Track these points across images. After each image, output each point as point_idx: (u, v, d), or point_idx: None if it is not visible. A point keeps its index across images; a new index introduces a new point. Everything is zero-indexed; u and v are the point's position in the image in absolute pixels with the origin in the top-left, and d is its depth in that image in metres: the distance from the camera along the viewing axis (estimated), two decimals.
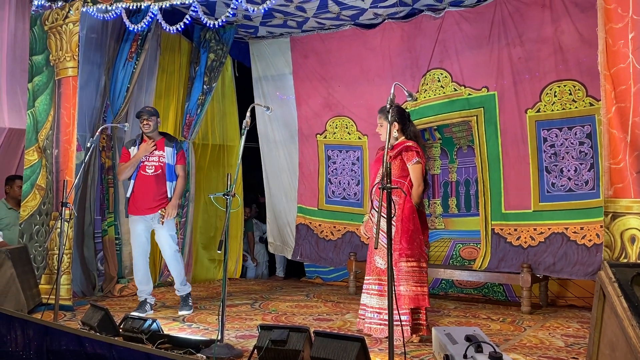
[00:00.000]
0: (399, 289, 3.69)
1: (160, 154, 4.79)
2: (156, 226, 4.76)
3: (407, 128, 3.98)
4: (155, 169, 4.75)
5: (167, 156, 4.80)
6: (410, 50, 5.92)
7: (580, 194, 5.01)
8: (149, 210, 4.71)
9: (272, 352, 3.03)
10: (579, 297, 5.22)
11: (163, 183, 4.76)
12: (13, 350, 3.50)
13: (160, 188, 4.75)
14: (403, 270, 3.74)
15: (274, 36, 6.70)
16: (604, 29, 3.03)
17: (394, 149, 3.88)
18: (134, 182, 4.73)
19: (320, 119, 6.56)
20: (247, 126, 3.67)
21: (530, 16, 5.21)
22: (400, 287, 3.70)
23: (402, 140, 3.94)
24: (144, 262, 4.77)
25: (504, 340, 3.85)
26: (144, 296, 4.74)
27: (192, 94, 6.29)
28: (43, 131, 5.09)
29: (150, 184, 4.72)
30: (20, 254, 4.51)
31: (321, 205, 6.59)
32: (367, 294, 3.88)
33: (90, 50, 5.54)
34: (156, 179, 4.74)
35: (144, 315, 4.45)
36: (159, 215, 4.73)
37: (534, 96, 5.23)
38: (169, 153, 4.81)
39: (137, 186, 4.72)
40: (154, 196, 4.73)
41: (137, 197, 4.72)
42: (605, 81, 3.02)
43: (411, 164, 3.83)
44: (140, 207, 4.71)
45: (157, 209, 4.72)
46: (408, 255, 3.75)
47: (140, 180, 4.73)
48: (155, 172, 4.75)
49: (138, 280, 4.77)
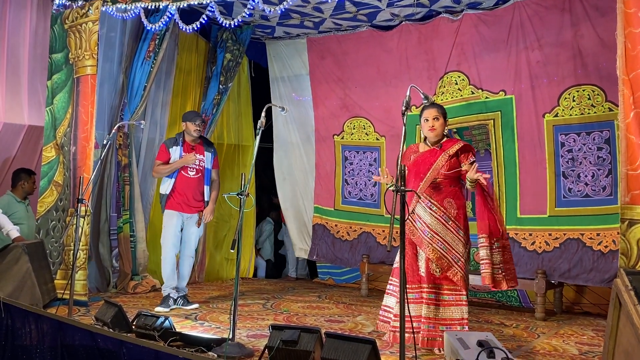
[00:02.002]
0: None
1: (201, 158, 4.99)
2: (190, 225, 4.96)
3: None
4: (196, 172, 4.96)
5: (206, 160, 5.00)
6: (427, 53, 5.89)
7: (597, 199, 4.95)
8: (189, 209, 4.93)
9: (282, 352, 3.04)
10: (595, 304, 5.15)
11: (202, 185, 4.97)
12: (28, 344, 3.54)
13: (199, 190, 4.97)
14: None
15: (290, 37, 6.72)
16: (623, 33, 2.98)
17: (446, 147, 3.71)
18: (175, 182, 4.89)
19: (338, 120, 6.57)
20: (262, 126, 3.68)
21: (549, 20, 5.16)
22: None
23: (448, 138, 3.81)
24: (173, 257, 4.92)
25: (517, 346, 3.81)
26: (169, 291, 4.83)
27: (208, 93, 6.33)
28: (61, 128, 5.15)
29: (191, 186, 4.92)
30: (36, 249, 4.56)
31: (337, 205, 6.60)
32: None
33: (109, 49, 5.60)
34: (197, 181, 4.96)
35: (168, 310, 4.62)
36: (196, 217, 4.95)
37: (551, 100, 5.18)
38: (207, 158, 5.02)
39: (178, 185, 4.90)
40: (193, 197, 4.94)
41: (177, 195, 4.90)
42: (623, 86, 2.97)
43: (469, 163, 3.64)
44: (180, 204, 4.89)
45: (196, 210, 4.96)
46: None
47: (182, 181, 4.90)
48: (196, 175, 4.95)
49: (166, 275, 4.88)
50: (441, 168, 3.67)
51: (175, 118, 6.28)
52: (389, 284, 3.81)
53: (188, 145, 4.98)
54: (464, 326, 3.50)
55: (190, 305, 4.87)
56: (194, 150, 4.98)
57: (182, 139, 4.99)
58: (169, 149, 4.94)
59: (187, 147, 4.97)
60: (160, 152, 5.02)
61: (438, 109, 3.81)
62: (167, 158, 4.92)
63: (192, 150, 4.98)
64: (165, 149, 4.97)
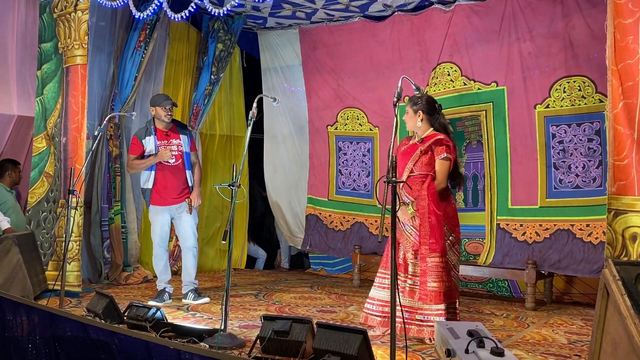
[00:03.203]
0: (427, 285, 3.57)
1: (178, 142, 4.73)
2: (180, 216, 4.75)
3: (436, 120, 3.80)
4: (176, 158, 4.70)
5: (183, 144, 4.75)
6: (420, 44, 5.88)
7: (587, 190, 4.98)
8: (174, 201, 4.70)
9: (274, 342, 3.05)
10: (584, 294, 5.20)
11: (183, 171, 4.73)
12: (19, 336, 3.53)
13: (182, 177, 4.73)
14: (431, 265, 3.59)
15: (282, 27, 6.69)
16: (612, 23, 2.99)
17: (424, 141, 3.72)
18: (155, 174, 4.66)
19: (331, 111, 6.57)
20: (254, 117, 3.67)
21: (541, 11, 5.16)
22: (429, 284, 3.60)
23: (432, 132, 3.76)
24: (165, 252, 4.79)
25: (507, 336, 3.84)
26: (163, 285, 4.74)
27: (199, 83, 6.29)
28: (51, 119, 5.11)
29: (173, 174, 4.68)
30: (27, 241, 4.55)
31: (331, 196, 6.61)
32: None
33: (99, 39, 5.54)
34: (178, 168, 4.70)
35: (162, 304, 4.49)
36: (185, 205, 4.71)
37: (543, 92, 5.19)
38: (184, 141, 4.77)
39: (160, 177, 4.66)
40: (178, 186, 4.70)
41: (161, 188, 4.66)
42: (612, 76, 2.98)
43: (439, 159, 3.67)
44: (166, 197, 4.67)
45: (183, 198, 4.72)
46: (435, 250, 3.58)
47: (163, 171, 4.67)
48: (176, 162, 4.70)
49: (158, 271, 4.78)
50: (414, 164, 3.68)
51: None
52: (377, 277, 3.86)
53: (161, 132, 4.70)
54: (441, 317, 3.53)
55: (200, 300, 4.69)
56: (168, 137, 4.70)
57: (154, 126, 4.71)
58: (141, 140, 4.66)
59: (160, 135, 4.69)
60: (133, 146, 4.73)
61: (408, 101, 3.83)
62: (142, 151, 4.66)
63: (167, 137, 4.70)
64: (137, 141, 4.68)
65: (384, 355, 3.17)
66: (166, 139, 4.72)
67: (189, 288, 4.76)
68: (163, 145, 4.68)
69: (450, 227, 3.75)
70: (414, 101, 3.82)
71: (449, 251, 3.71)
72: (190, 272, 4.77)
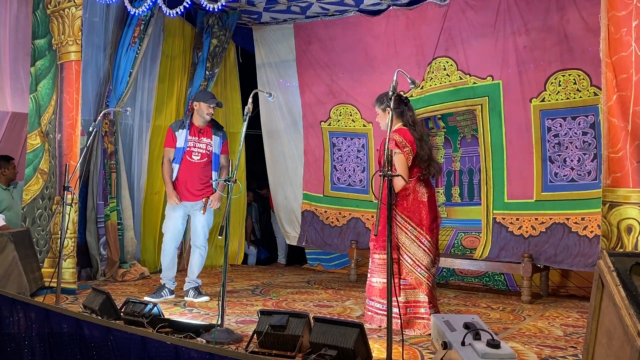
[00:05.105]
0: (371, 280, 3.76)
1: (208, 142, 4.70)
2: (195, 213, 4.72)
3: (405, 114, 3.82)
4: (202, 156, 4.67)
5: (214, 145, 4.72)
6: (415, 38, 5.88)
7: (582, 184, 5.00)
8: (192, 197, 4.67)
9: (271, 337, 3.05)
10: (580, 287, 5.22)
11: (209, 171, 4.69)
12: (15, 333, 3.52)
13: (205, 175, 4.69)
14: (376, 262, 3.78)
15: (277, 22, 6.67)
16: (607, 16, 2.99)
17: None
18: (179, 167, 4.65)
19: (324, 107, 6.55)
20: (249, 112, 3.66)
21: (536, 4, 5.16)
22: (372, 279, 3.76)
23: (398, 127, 3.79)
24: (174, 248, 4.76)
25: (503, 328, 3.86)
26: (166, 281, 4.72)
27: (194, 79, 6.28)
28: (46, 115, 5.09)
29: (196, 171, 4.66)
30: (22, 238, 4.53)
31: (327, 192, 6.61)
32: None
33: (93, 35, 5.52)
34: (202, 166, 4.67)
35: (161, 300, 4.48)
36: (201, 204, 4.66)
37: (538, 85, 5.20)
38: (216, 142, 4.73)
39: (182, 172, 4.65)
40: (198, 183, 4.67)
41: (181, 183, 4.65)
42: (606, 69, 2.98)
43: (393, 155, 3.65)
44: (183, 192, 4.65)
45: (201, 197, 4.67)
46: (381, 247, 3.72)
47: (186, 167, 4.65)
48: (201, 160, 4.67)
49: (164, 265, 4.75)
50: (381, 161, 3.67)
51: (161, 104, 6.22)
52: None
53: (195, 129, 4.68)
54: (426, 308, 3.58)
55: (200, 298, 4.64)
56: (200, 135, 4.67)
57: (190, 121, 4.71)
58: (175, 133, 4.67)
59: (194, 131, 4.68)
60: (167, 138, 4.75)
61: (375, 102, 3.89)
62: (175, 143, 4.67)
63: (199, 135, 4.66)
64: (171, 134, 4.69)
65: (381, 349, 3.18)
66: (197, 135, 4.69)
67: (190, 286, 4.73)
68: (193, 141, 4.67)
69: (415, 222, 3.70)
70: (381, 100, 3.87)
71: (412, 245, 3.68)
72: (194, 271, 4.75)
